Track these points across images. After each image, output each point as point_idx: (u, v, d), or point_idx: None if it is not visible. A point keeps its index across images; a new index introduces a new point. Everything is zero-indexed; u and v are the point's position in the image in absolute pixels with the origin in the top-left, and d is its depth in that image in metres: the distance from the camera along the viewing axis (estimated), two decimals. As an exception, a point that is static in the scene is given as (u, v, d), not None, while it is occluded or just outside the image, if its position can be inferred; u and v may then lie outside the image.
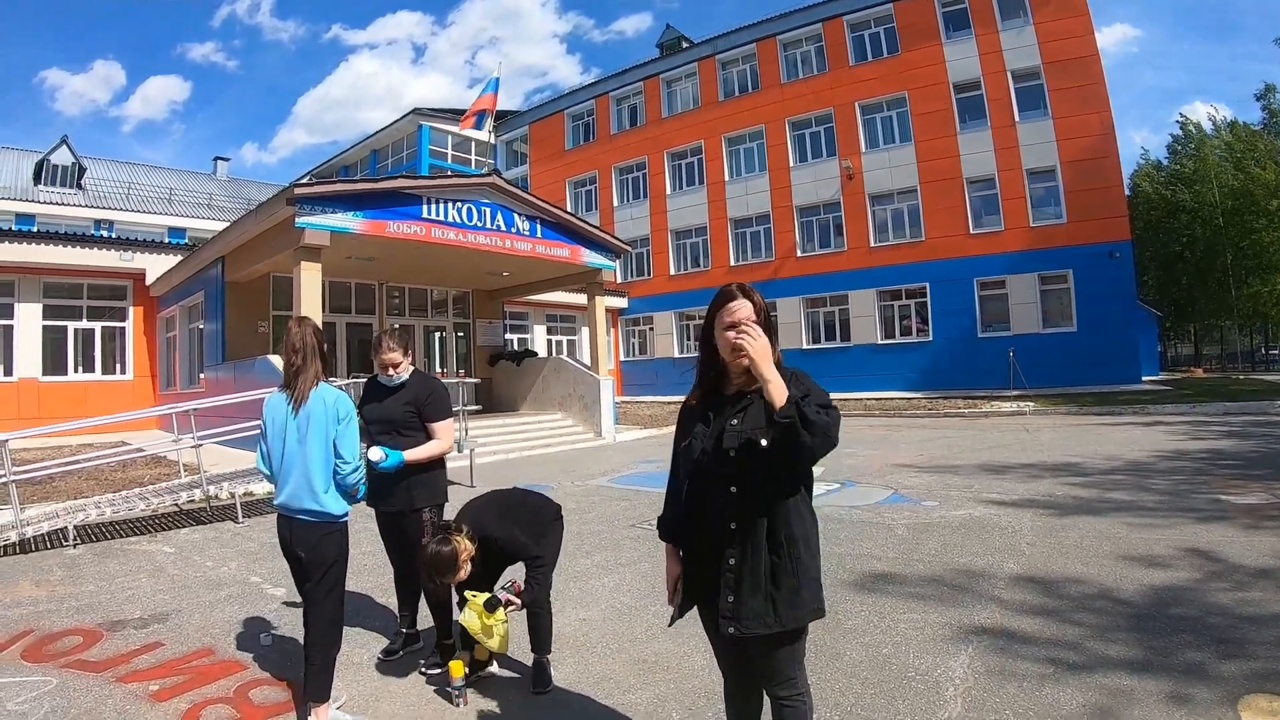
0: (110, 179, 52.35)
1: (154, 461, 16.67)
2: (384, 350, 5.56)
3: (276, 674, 5.57)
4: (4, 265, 24.30)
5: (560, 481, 14.45)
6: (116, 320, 27.22)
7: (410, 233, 18.60)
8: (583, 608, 6.73)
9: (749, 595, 3.07)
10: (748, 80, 40.72)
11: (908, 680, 4.92)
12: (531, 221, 21.42)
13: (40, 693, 5.36)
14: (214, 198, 54.37)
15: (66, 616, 7.15)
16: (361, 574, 8.07)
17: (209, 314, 22.81)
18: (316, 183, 17.57)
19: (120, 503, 11.56)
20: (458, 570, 4.82)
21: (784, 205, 38.41)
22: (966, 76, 33.26)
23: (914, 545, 8.33)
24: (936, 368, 32.98)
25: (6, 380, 24.66)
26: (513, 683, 5.32)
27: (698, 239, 41.99)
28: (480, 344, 28.11)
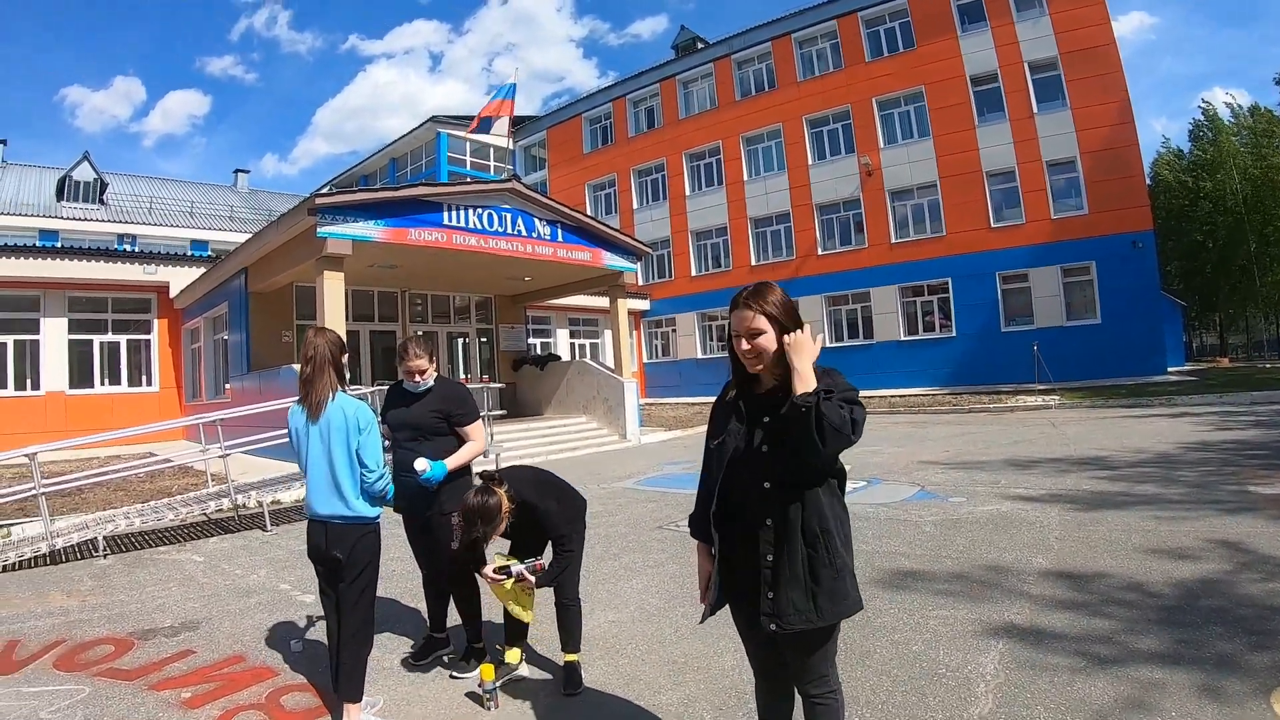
0: (132, 194, 52.67)
1: (182, 472, 16.80)
2: (410, 357, 5.56)
3: (308, 680, 5.60)
4: (30, 281, 24.53)
5: (586, 485, 14.32)
6: (141, 333, 27.43)
7: (431, 240, 18.62)
8: (611, 610, 6.72)
9: (788, 591, 3.07)
10: (764, 79, 40.60)
11: (938, 677, 4.90)
12: (552, 226, 21.42)
13: (73, 701, 5.39)
14: (235, 210, 54.63)
15: (98, 626, 7.20)
16: (390, 580, 8.06)
17: (233, 325, 22.90)
18: (337, 192, 17.62)
19: (149, 513, 11.61)
20: (498, 524, 4.85)
21: (804, 203, 38.29)
22: (983, 69, 33.05)
23: (942, 542, 8.29)
24: (960, 363, 32.81)
25: (34, 394, 24.87)
26: (543, 685, 5.32)
27: (718, 239, 41.88)
28: (503, 349, 28.12)
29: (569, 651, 5.23)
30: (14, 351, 24.84)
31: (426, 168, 54.00)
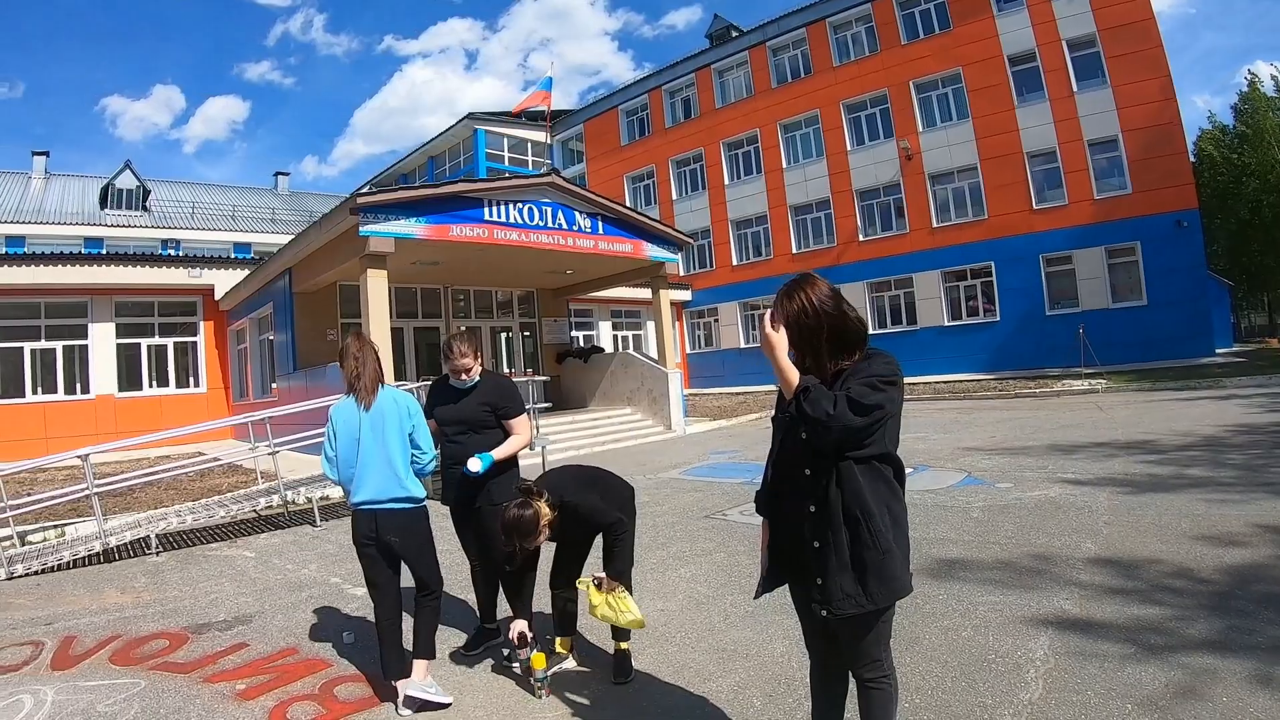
0: (174, 199, 53.24)
1: (231, 470, 16.96)
2: (455, 356, 5.60)
3: (360, 670, 5.67)
4: (77, 287, 24.98)
5: (632, 475, 14.24)
6: (188, 335, 27.81)
7: (473, 235, 18.66)
8: (660, 598, 6.73)
9: (837, 576, 3.07)
10: (800, 65, 40.26)
11: (988, 663, 4.88)
12: (592, 218, 21.41)
13: (129, 695, 5.49)
14: (276, 212, 55.01)
15: (152, 621, 7.32)
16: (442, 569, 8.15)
17: (278, 325, 23.12)
18: (378, 191, 17.67)
19: (200, 510, 11.79)
20: (537, 535, 4.86)
21: (843, 190, 37.96)
22: (1021, 48, 32.54)
23: (990, 528, 8.24)
24: (1005, 348, 32.43)
25: (84, 398, 25.33)
26: (593, 674, 5.34)
27: (758, 228, 41.68)
28: (547, 342, 28.18)
29: (620, 640, 5.24)
30: (64, 356, 25.33)
31: (465, 164, 54.12)
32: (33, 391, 24.56)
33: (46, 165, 53.59)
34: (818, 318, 3.09)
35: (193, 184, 58.98)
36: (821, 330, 3.08)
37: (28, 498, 11.44)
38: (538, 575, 5.80)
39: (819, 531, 3.11)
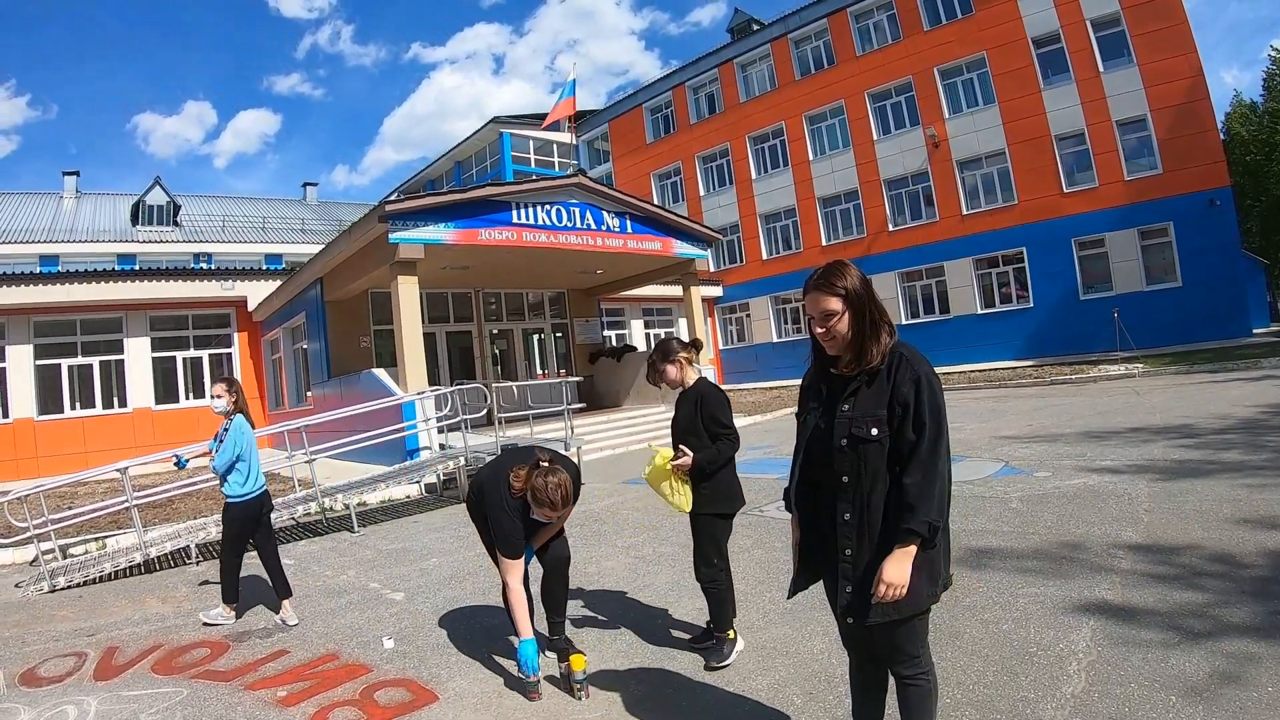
0: (204, 213, 53.65)
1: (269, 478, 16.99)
2: (549, 506, 5.13)
3: (401, 675, 5.67)
4: (111, 303, 25.42)
5: (667, 473, 14.38)
6: (222, 346, 28.26)
7: (502, 238, 18.75)
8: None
9: (866, 587, 3.05)
10: (823, 56, 39.96)
11: (1029, 656, 4.83)
12: (620, 217, 21.44)
13: (172, 703, 5.54)
14: (306, 222, 55.25)
15: (193, 630, 7.39)
16: (477, 574, 8.17)
17: (311, 333, 23.31)
18: (406, 198, 17.80)
19: (239, 520, 11.80)
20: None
21: (871, 179, 37.71)
22: (1045, 30, 32.11)
23: (1029, 518, 8.16)
24: (1039, 334, 32.13)
25: (122, 411, 25.81)
26: (633, 675, 5.33)
27: (787, 221, 41.47)
28: (579, 342, 28.23)
29: (722, 630, 5.31)
30: (100, 372, 25.84)
31: (492, 168, 54.30)
32: (71, 407, 24.91)
33: (77, 185, 54.19)
34: (868, 293, 3.10)
35: (223, 197, 59.45)
36: (867, 309, 3.07)
37: (68, 511, 11.54)
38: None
39: (852, 539, 3.10)
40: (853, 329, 3.07)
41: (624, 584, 7.49)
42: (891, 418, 3.02)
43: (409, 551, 10.11)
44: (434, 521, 12.19)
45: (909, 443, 2.98)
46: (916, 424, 2.97)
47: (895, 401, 3.01)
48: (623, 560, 8.39)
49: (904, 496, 2.94)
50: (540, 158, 54.19)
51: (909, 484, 2.94)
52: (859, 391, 3.09)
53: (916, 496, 2.91)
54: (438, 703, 5.13)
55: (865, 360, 3.08)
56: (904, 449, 2.99)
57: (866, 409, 3.05)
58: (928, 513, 2.90)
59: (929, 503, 2.91)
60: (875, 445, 3.01)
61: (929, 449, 2.95)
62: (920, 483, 2.93)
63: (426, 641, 6.40)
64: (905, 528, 2.92)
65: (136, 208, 50.17)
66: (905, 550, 2.95)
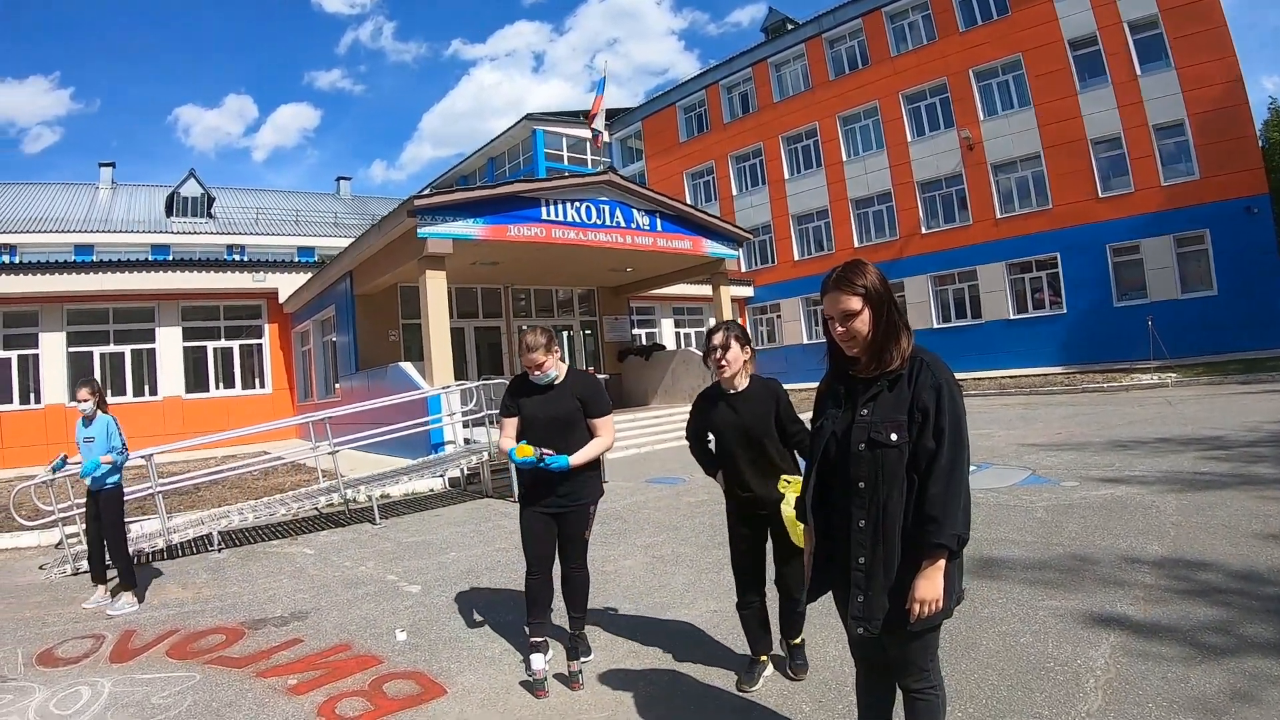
0: (238, 206, 54.23)
1: (294, 469, 17.24)
2: (524, 350, 5.55)
3: (411, 668, 5.68)
4: (144, 293, 25.88)
5: (692, 474, 14.24)
6: (253, 338, 28.63)
7: (531, 235, 18.79)
8: (714, 599, 6.66)
9: (879, 595, 3.01)
10: (857, 56, 39.71)
11: (1046, 671, 4.74)
12: (651, 216, 21.40)
13: (184, 687, 5.60)
14: (339, 216, 55.57)
15: (210, 616, 7.45)
16: (495, 570, 8.19)
17: (341, 326, 23.46)
18: (435, 193, 17.87)
19: (262, 508, 12.01)
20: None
21: (905, 182, 37.42)
22: (1081, 32, 31.72)
23: (1054, 528, 8.05)
24: (1072, 340, 31.71)
25: (152, 399, 26.28)
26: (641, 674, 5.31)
27: (819, 222, 41.23)
28: (608, 340, 28.24)
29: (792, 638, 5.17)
30: (132, 360, 26.33)
31: (524, 165, 54.41)
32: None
33: (113, 176, 55.10)
34: (887, 292, 3.06)
35: (257, 190, 60.09)
36: (887, 309, 3.03)
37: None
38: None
39: (866, 548, 3.04)
40: (872, 329, 3.01)
41: (640, 583, 7.46)
42: (911, 424, 2.97)
43: (429, 545, 10.11)
44: (456, 516, 12.20)
45: (928, 451, 2.93)
46: (936, 431, 2.93)
47: (916, 407, 2.97)
48: (640, 559, 8.35)
49: (929, 508, 2.90)
50: (573, 155, 54.25)
51: (933, 495, 2.90)
52: (879, 396, 3.04)
53: (942, 509, 2.87)
54: (446, 696, 5.13)
55: (884, 362, 3.03)
56: (922, 457, 2.95)
57: (887, 414, 3.00)
58: (954, 525, 2.86)
59: (955, 515, 2.87)
60: (894, 451, 2.96)
61: (950, 459, 2.91)
62: (944, 494, 2.88)
63: (439, 635, 6.40)
64: (934, 542, 2.88)
65: (171, 199, 50.94)
66: (934, 565, 2.91)
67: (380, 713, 4.96)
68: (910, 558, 2.96)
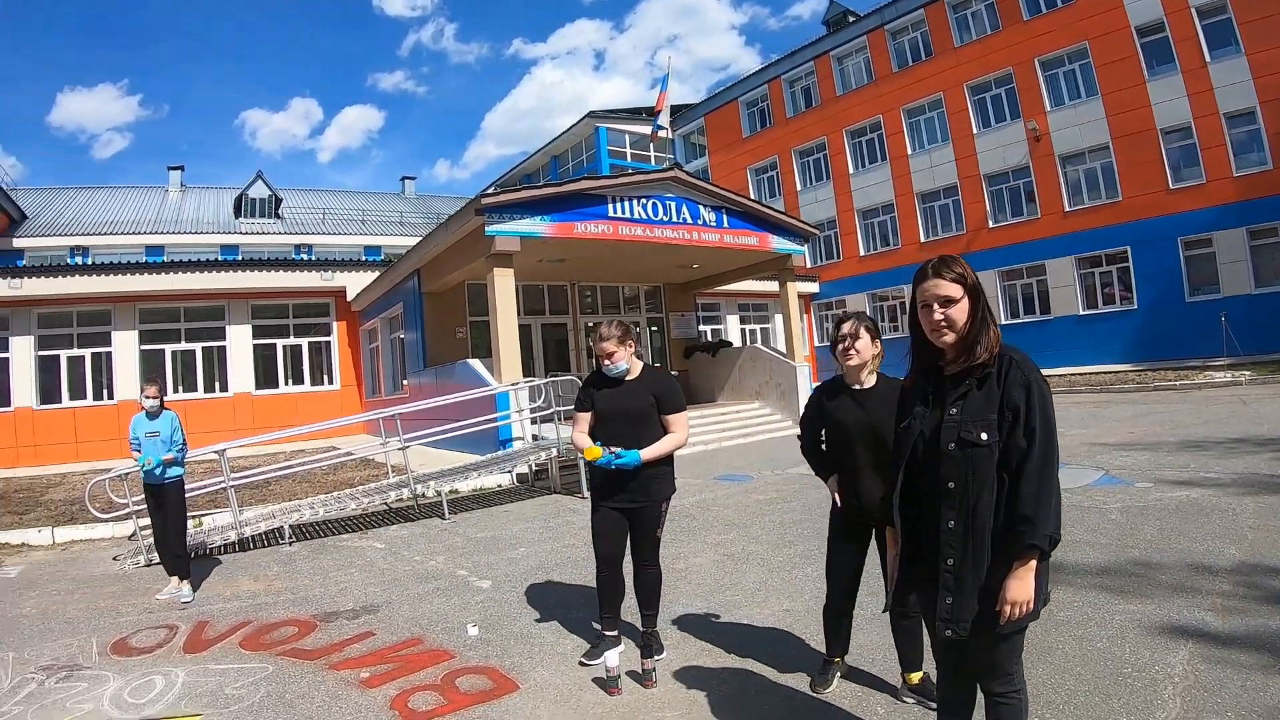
0: (305, 206, 54.88)
1: (363, 464, 17.40)
2: (597, 339, 5.58)
3: (483, 663, 5.69)
4: (214, 292, 26.62)
5: (760, 471, 14.29)
6: (322, 335, 29.07)
7: (598, 232, 18.80)
8: (786, 598, 6.63)
9: (968, 596, 2.96)
10: (920, 48, 39.20)
11: (1123, 677, 4.64)
12: (717, 212, 21.30)
13: (257, 678, 5.67)
14: (404, 215, 55.95)
15: (282, 608, 7.56)
16: (564, 566, 8.21)
17: (408, 324, 23.68)
18: (502, 191, 17.97)
19: (332, 503, 12.18)
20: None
21: (971, 175, 36.91)
22: (1148, 18, 30.87)
23: (1129, 530, 7.89)
24: (1143, 337, 31.05)
25: (223, 395, 27.01)
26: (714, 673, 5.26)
27: (885, 217, 40.82)
28: (675, 337, 28.17)
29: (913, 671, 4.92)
30: (203, 357, 27.07)
31: (587, 162, 54.42)
32: (174, 390, 25.69)
33: (182, 179, 56.29)
34: (980, 285, 3.03)
35: (323, 191, 60.85)
36: (982, 301, 3.00)
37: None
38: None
39: (956, 548, 2.99)
40: (969, 319, 2.99)
41: (711, 581, 7.42)
42: (1002, 422, 2.93)
43: (498, 540, 10.15)
44: (524, 511, 12.23)
45: (1019, 450, 2.89)
46: (1027, 430, 2.88)
47: (1006, 406, 2.92)
48: (711, 557, 8.31)
49: (1021, 508, 2.85)
50: (636, 152, 54.17)
51: (1026, 494, 2.85)
52: (968, 395, 3.01)
53: (1035, 508, 2.82)
54: (518, 692, 5.13)
55: (973, 356, 2.99)
56: (1013, 456, 2.90)
57: (977, 412, 2.96)
58: (1046, 525, 2.82)
59: (1047, 515, 2.82)
60: (985, 450, 2.92)
61: (1041, 457, 2.86)
62: (1037, 494, 2.83)
63: (510, 630, 6.41)
64: (1027, 543, 2.83)
65: (239, 201, 51.84)
66: (1026, 566, 2.86)
67: (453, 707, 4.96)
68: (1000, 558, 2.90)
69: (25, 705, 5.55)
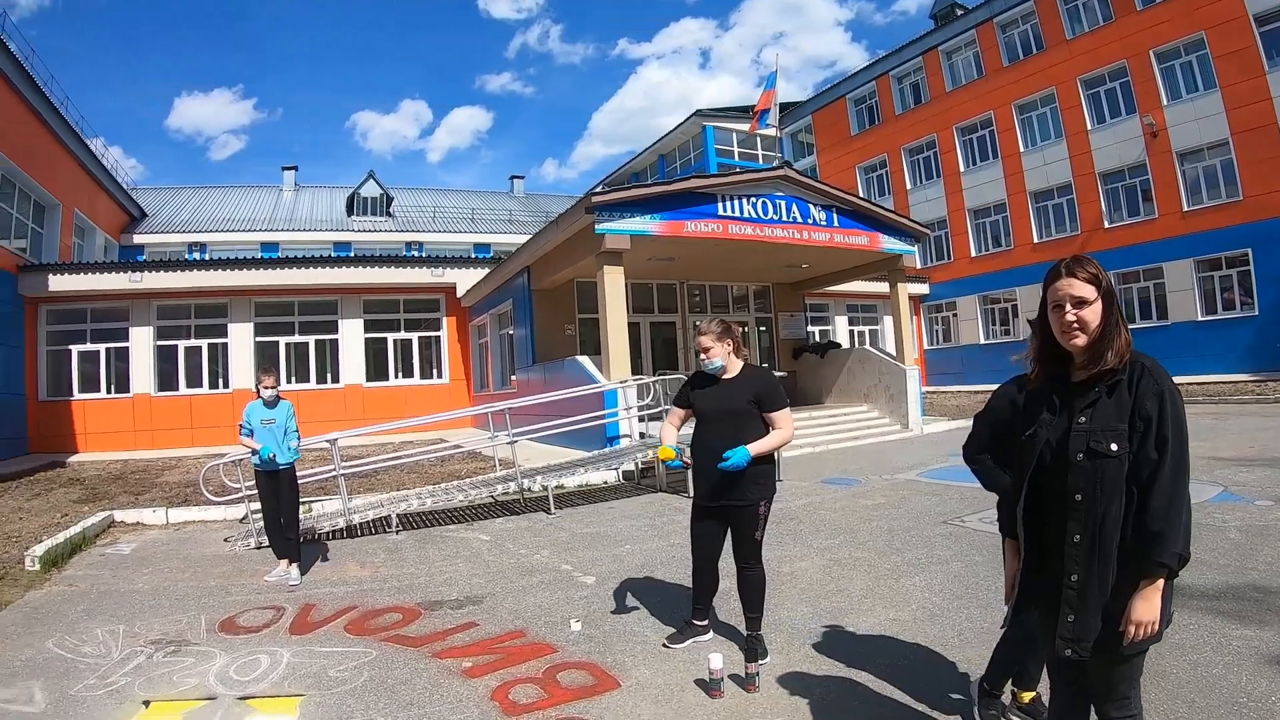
0: (416, 205, 55.99)
1: (470, 457, 17.73)
2: (697, 334, 5.64)
3: (585, 658, 5.70)
4: (327, 287, 27.54)
5: (868, 476, 14.05)
6: (431, 330, 29.80)
7: (708, 231, 18.71)
8: (893, 607, 6.48)
9: (1092, 614, 2.85)
10: (1030, 41, 37.92)
11: (1238, 706, 4.42)
12: (827, 211, 21.04)
13: (360, 663, 5.79)
14: (514, 213, 56.55)
15: (388, 595, 7.70)
16: (670, 564, 8.18)
17: (518, 320, 23.97)
18: (612, 190, 18.06)
19: (439, 494, 12.36)
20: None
21: (1085, 173, 35.53)
22: (1267, 5, 29.14)
23: (1248, 550, 7.56)
24: (1263, 345, 29.54)
25: (334, 387, 28.05)
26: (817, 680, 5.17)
27: (997, 216, 39.67)
28: (783, 337, 27.94)
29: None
30: (315, 350, 28.21)
31: (695, 161, 54.35)
32: (287, 381, 26.51)
33: (295, 179, 58.05)
34: (1114, 287, 2.92)
35: (433, 190, 61.97)
36: (1115, 304, 2.89)
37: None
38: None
39: (1081, 563, 2.87)
40: (1102, 321, 2.87)
41: (816, 586, 7.31)
42: (1132, 433, 2.81)
43: (603, 536, 10.17)
44: (630, 509, 12.21)
45: (1150, 462, 2.77)
46: (1159, 441, 2.77)
47: (1138, 415, 2.81)
48: (817, 562, 8.18)
49: (1150, 524, 2.74)
50: (744, 150, 53.91)
51: (1156, 509, 2.74)
52: (1098, 402, 2.89)
53: (1164, 524, 2.72)
54: (619, 690, 5.12)
55: (1103, 361, 2.87)
56: (1143, 468, 2.79)
57: (1107, 422, 2.85)
58: (1176, 542, 2.71)
59: (1177, 531, 2.72)
60: (1114, 462, 2.81)
61: (1173, 470, 2.75)
62: (1167, 509, 2.72)
63: (613, 627, 6.41)
64: (1155, 560, 2.72)
65: (351, 199, 53.14)
66: (1154, 585, 2.75)
67: (554, 701, 4.98)
68: (1126, 576, 2.80)
69: (133, 677, 5.76)
